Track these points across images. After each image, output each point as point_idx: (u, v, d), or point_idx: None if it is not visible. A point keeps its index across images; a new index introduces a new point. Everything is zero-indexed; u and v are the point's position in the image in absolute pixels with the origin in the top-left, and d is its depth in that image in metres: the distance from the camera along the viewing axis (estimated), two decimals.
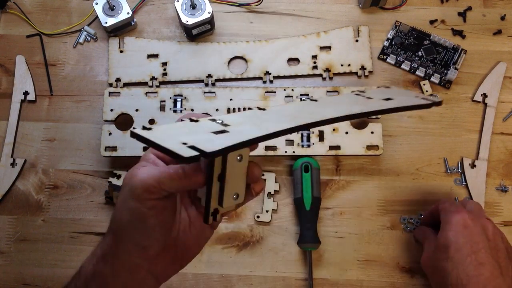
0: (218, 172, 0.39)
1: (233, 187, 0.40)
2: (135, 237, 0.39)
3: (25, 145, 0.70)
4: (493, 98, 0.70)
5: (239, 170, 0.40)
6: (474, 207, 0.57)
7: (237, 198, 0.40)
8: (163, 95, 0.68)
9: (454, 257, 0.52)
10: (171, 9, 0.75)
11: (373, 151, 0.66)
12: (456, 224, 0.53)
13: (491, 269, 0.51)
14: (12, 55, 0.73)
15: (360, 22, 0.74)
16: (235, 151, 0.39)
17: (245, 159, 0.40)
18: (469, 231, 0.53)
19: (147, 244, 0.40)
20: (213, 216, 0.40)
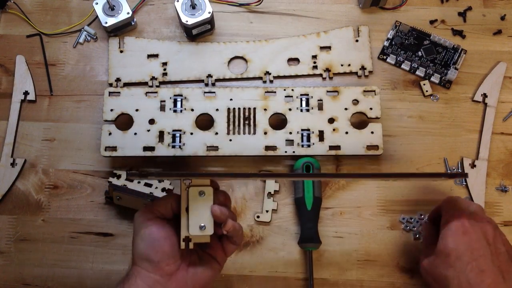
0: (185, 205, 0.49)
1: (198, 219, 0.49)
2: (148, 254, 0.48)
3: (25, 145, 0.70)
4: (493, 98, 0.70)
5: (204, 204, 0.49)
6: (475, 209, 0.56)
7: (204, 229, 0.49)
8: (163, 95, 0.68)
9: (455, 265, 0.51)
10: (171, 9, 0.75)
11: (373, 151, 0.66)
12: (456, 231, 0.52)
13: (493, 276, 0.50)
14: (12, 55, 0.73)
15: (360, 22, 0.74)
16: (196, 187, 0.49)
17: (208, 195, 0.49)
18: (468, 237, 0.52)
19: (159, 258, 0.48)
20: (185, 242, 0.49)
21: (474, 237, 0.52)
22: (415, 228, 0.66)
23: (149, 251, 0.48)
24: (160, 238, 0.48)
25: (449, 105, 0.71)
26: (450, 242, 0.52)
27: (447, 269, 0.52)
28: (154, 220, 0.50)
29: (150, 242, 0.48)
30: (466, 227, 0.52)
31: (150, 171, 0.48)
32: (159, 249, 0.48)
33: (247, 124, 0.67)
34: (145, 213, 0.50)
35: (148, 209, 0.51)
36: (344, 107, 0.67)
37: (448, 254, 0.52)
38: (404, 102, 0.71)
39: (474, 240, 0.52)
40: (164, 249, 0.48)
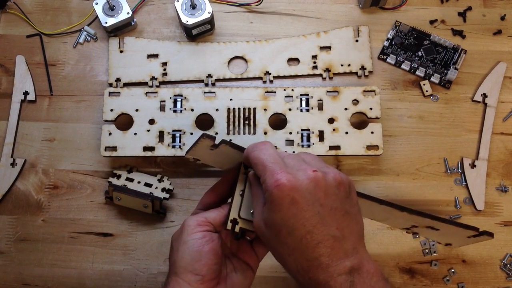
0: (241, 188, 0.48)
1: (252, 205, 0.46)
2: (194, 267, 0.46)
3: (25, 145, 0.70)
4: (493, 98, 0.70)
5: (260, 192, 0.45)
6: (293, 163, 0.45)
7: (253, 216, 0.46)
8: (163, 95, 0.68)
9: (287, 242, 0.42)
10: (171, 9, 0.75)
11: (373, 151, 0.66)
12: (281, 203, 0.41)
13: (331, 243, 0.41)
14: (12, 55, 0.73)
15: (360, 22, 0.74)
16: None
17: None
18: (297, 207, 0.41)
19: (204, 272, 0.46)
20: (232, 223, 0.47)
21: (304, 203, 0.41)
22: None
23: (196, 264, 0.46)
24: (209, 252, 0.46)
25: (449, 105, 0.71)
26: (278, 217, 0.42)
27: (281, 246, 0.43)
28: (204, 232, 0.47)
29: (198, 255, 0.46)
30: (292, 195, 0.41)
31: (225, 141, 0.45)
32: (206, 263, 0.46)
33: (247, 124, 0.67)
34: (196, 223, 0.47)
35: (199, 218, 0.47)
36: (344, 107, 0.67)
37: (279, 231, 0.42)
38: (404, 102, 0.71)
39: (304, 209, 0.41)
40: (210, 263, 0.46)
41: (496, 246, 0.66)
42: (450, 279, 0.64)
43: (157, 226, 0.66)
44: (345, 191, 0.44)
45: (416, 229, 0.56)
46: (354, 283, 0.41)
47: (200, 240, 0.46)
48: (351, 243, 0.42)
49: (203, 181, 0.68)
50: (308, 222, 0.41)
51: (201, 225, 0.47)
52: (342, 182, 0.44)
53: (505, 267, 0.65)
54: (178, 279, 0.46)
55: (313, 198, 0.42)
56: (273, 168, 0.43)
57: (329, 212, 0.42)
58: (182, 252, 0.46)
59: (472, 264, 0.65)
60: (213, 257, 0.46)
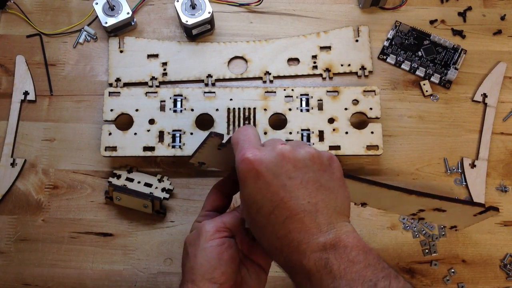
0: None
1: None
2: (213, 275, 0.43)
3: (25, 145, 0.70)
4: (493, 98, 0.70)
5: None
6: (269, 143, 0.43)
7: None
8: (163, 95, 0.68)
9: (257, 219, 0.41)
10: (171, 9, 0.75)
11: (373, 151, 0.66)
12: (246, 178, 0.40)
13: (301, 218, 0.39)
14: (12, 55, 0.73)
15: (360, 22, 0.74)
16: None
17: None
18: (262, 180, 0.40)
19: (223, 280, 0.43)
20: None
21: (269, 177, 0.40)
22: (415, 228, 0.66)
23: (214, 272, 0.43)
24: (228, 259, 0.44)
25: (449, 105, 0.71)
26: (246, 194, 0.41)
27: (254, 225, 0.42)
28: (223, 238, 0.44)
29: (217, 263, 0.43)
30: (256, 169, 0.40)
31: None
32: (225, 271, 0.43)
33: (247, 124, 0.67)
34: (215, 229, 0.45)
35: (217, 223, 0.45)
36: (344, 107, 0.67)
37: (250, 207, 0.41)
38: (404, 102, 0.71)
39: (270, 184, 0.40)
40: (229, 271, 0.44)
41: (496, 246, 0.66)
42: (450, 279, 0.64)
43: (157, 226, 0.66)
44: (320, 164, 0.41)
45: (423, 214, 0.55)
46: (329, 260, 0.37)
47: (219, 247, 0.44)
48: (325, 217, 0.39)
49: (203, 181, 0.68)
50: (274, 196, 0.39)
51: (220, 231, 0.45)
52: (318, 155, 0.41)
53: (505, 267, 0.65)
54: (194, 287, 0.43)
55: (279, 171, 0.40)
56: (243, 146, 0.42)
57: (298, 185, 0.40)
58: (200, 259, 0.44)
59: (472, 264, 0.65)
60: (232, 264, 0.44)
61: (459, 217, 0.58)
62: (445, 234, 0.66)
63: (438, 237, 0.66)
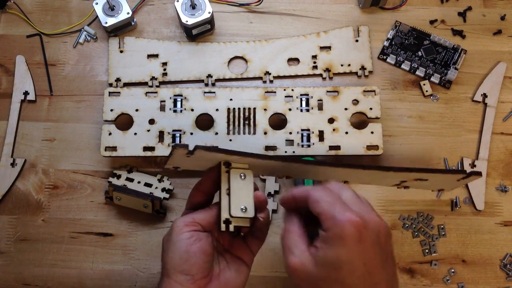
0: (226, 187, 0.48)
1: (240, 200, 0.47)
2: (183, 267, 0.46)
3: (25, 145, 0.70)
4: (493, 98, 0.70)
5: (244, 187, 0.48)
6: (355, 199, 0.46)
7: (245, 211, 0.47)
8: (163, 95, 0.68)
9: (346, 280, 0.42)
10: (171, 9, 0.75)
11: (373, 151, 0.66)
12: (350, 240, 0.41)
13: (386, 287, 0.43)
14: (12, 55, 0.73)
15: (360, 22, 0.74)
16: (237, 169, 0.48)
17: (248, 178, 0.48)
18: (364, 246, 0.42)
19: (194, 271, 0.46)
20: (225, 224, 0.47)
21: (369, 242, 0.42)
22: (415, 228, 0.66)
23: (185, 264, 0.46)
24: (197, 251, 0.46)
25: (449, 105, 0.71)
26: (344, 253, 0.42)
27: (335, 284, 0.42)
28: (192, 232, 0.47)
29: (186, 255, 0.46)
30: (362, 233, 0.42)
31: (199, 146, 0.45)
32: (195, 262, 0.46)
33: (247, 124, 0.67)
34: (184, 223, 0.47)
35: (187, 218, 0.48)
36: (344, 107, 0.67)
37: (340, 267, 0.42)
38: (404, 102, 0.71)
39: (368, 249, 0.42)
40: (200, 263, 0.46)
41: (496, 246, 0.66)
42: (450, 279, 0.64)
43: (157, 226, 0.66)
44: (391, 240, 0.46)
45: (406, 183, 0.56)
46: None
47: (187, 240, 0.46)
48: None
49: None
50: (370, 262, 0.42)
51: (188, 225, 0.47)
52: (390, 232, 0.46)
53: (505, 267, 0.65)
54: (170, 280, 0.46)
55: (377, 240, 0.43)
56: (343, 206, 0.44)
57: (386, 257, 0.44)
58: (171, 253, 0.47)
59: (472, 264, 0.65)
60: (203, 256, 0.46)
61: (443, 183, 0.58)
62: (445, 234, 0.66)
63: (438, 237, 0.66)
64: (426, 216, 0.66)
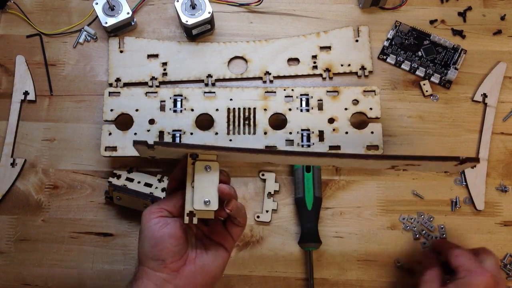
0: (191, 180, 0.48)
1: (204, 193, 0.47)
2: (153, 253, 0.48)
3: (25, 145, 0.70)
4: (493, 98, 0.70)
5: (209, 179, 0.48)
6: (495, 267, 0.55)
7: (208, 204, 0.47)
8: (163, 95, 0.68)
9: None
10: (171, 9, 0.75)
11: (373, 151, 0.66)
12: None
13: None
14: (12, 55, 0.73)
15: (360, 22, 0.74)
16: (202, 162, 0.48)
17: (214, 170, 0.48)
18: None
19: (164, 256, 0.47)
20: (189, 216, 0.48)
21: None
22: (415, 228, 0.66)
23: (154, 250, 0.48)
24: (164, 236, 0.47)
25: (449, 105, 0.71)
26: None
27: None
28: (157, 218, 0.48)
29: (154, 241, 0.48)
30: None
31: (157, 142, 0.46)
32: (163, 247, 0.47)
33: (247, 124, 0.67)
34: (150, 212, 0.49)
35: (154, 207, 0.50)
36: (344, 107, 0.67)
37: None
38: (404, 102, 0.71)
39: None
40: (169, 247, 0.47)
41: (496, 246, 0.66)
42: None
43: None
44: None
45: (398, 168, 0.57)
46: None
47: (154, 226, 0.48)
48: None
49: None
50: None
51: (154, 212, 0.49)
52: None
53: (505, 267, 0.65)
54: (144, 267, 0.48)
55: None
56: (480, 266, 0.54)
57: None
58: (141, 242, 0.48)
59: None
60: (171, 240, 0.47)
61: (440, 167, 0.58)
62: (445, 234, 0.66)
63: (438, 237, 0.66)
64: (426, 216, 0.67)
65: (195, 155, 0.48)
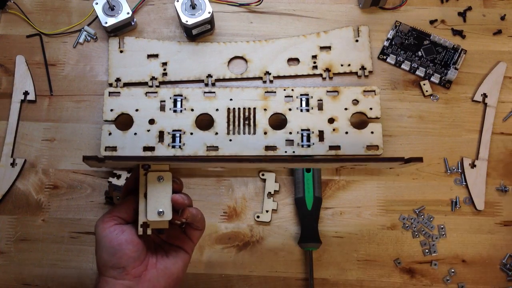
0: (143, 191, 0.48)
1: (157, 204, 0.47)
2: (112, 262, 0.47)
3: (25, 145, 0.70)
4: (493, 98, 0.70)
5: (162, 190, 0.48)
6: None
7: (162, 215, 0.47)
8: (163, 95, 0.68)
9: None
10: (171, 9, 0.75)
11: (373, 151, 0.66)
12: None
13: None
14: (12, 55, 0.73)
15: (360, 22, 0.74)
16: (155, 172, 0.48)
17: (166, 181, 0.48)
18: None
19: (124, 263, 0.47)
20: (143, 228, 0.48)
21: None
22: (415, 228, 0.66)
23: (113, 258, 0.47)
24: (121, 243, 0.47)
25: (449, 105, 0.71)
26: None
27: None
28: (113, 226, 0.48)
29: (112, 250, 0.47)
30: None
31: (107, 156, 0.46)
32: (122, 254, 0.47)
33: (247, 124, 0.67)
34: (103, 221, 0.48)
35: (106, 216, 0.49)
36: (344, 107, 0.67)
37: None
38: (404, 102, 0.71)
39: None
40: (128, 253, 0.47)
41: (496, 246, 0.66)
42: (450, 279, 0.64)
43: None
44: None
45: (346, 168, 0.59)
46: None
47: (110, 235, 0.47)
48: None
49: (203, 181, 0.68)
50: None
51: (108, 221, 0.48)
52: None
53: (505, 267, 0.65)
54: (104, 277, 0.47)
55: None
56: None
57: None
58: (99, 252, 0.47)
59: (472, 264, 0.65)
60: (129, 246, 0.47)
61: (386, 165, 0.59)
62: (445, 234, 0.66)
63: (438, 237, 0.66)
64: (426, 216, 0.67)
65: (147, 166, 0.48)
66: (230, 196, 0.67)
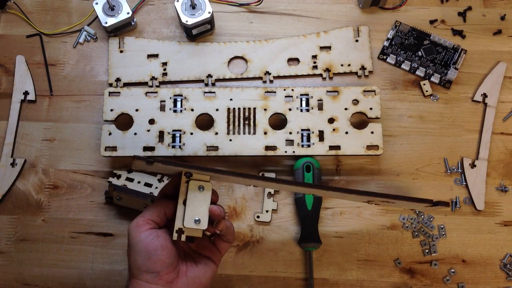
0: (183, 197, 0.49)
1: (195, 212, 0.49)
2: (147, 266, 0.47)
3: (25, 145, 0.70)
4: (493, 98, 0.70)
5: (201, 199, 0.49)
6: None
7: (198, 223, 0.48)
8: (163, 95, 0.68)
9: None
10: (171, 9, 0.75)
11: (373, 151, 0.66)
12: None
13: None
14: (12, 55, 0.73)
15: (360, 22, 0.74)
16: (197, 181, 0.49)
17: (207, 191, 0.49)
18: None
19: (158, 268, 0.47)
20: (178, 233, 0.48)
21: None
22: (415, 227, 0.66)
23: (147, 263, 0.47)
24: (157, 248, 0.47)
25: (449, 105, 0.71)
26: None
27: None
28: (148, 231, 0.48)
29: (147, 254, 0.47)
30: None
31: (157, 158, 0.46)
32: (157, 259, 0.47)
33: (247, 124, 0.67)
34: (138, 224, 0.49)
35: (140, 219, 0.49)
36: (344, 107, 0.67)
37: None
38: (404, 102, 0.71)
39: None
40: (162, 259, 0.47)
41: (496, 246, 0.66)
42: (450, 279, 0.64)
43: None
44: None
45: (373, 203, 0.59)
46: None
47: (146, 239, 0.48)
48: None
49: None
50: None
51: (142, 225, 0.49)
52: None
53: (505, 267, 0.65)
54: (136, 280, 0.47)
55: None
56: None
57: None
58: (133, 255, 0.48)
59: (472, 264, 0.65)
60: (164, 252, 0.48)
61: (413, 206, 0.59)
62: (445, 234, 0.66)
63: (438, 237, 0.66)
64: (426, 216, 0.67)
65: (189, 174, 0.49)
66: (230, 196, 0.68)
